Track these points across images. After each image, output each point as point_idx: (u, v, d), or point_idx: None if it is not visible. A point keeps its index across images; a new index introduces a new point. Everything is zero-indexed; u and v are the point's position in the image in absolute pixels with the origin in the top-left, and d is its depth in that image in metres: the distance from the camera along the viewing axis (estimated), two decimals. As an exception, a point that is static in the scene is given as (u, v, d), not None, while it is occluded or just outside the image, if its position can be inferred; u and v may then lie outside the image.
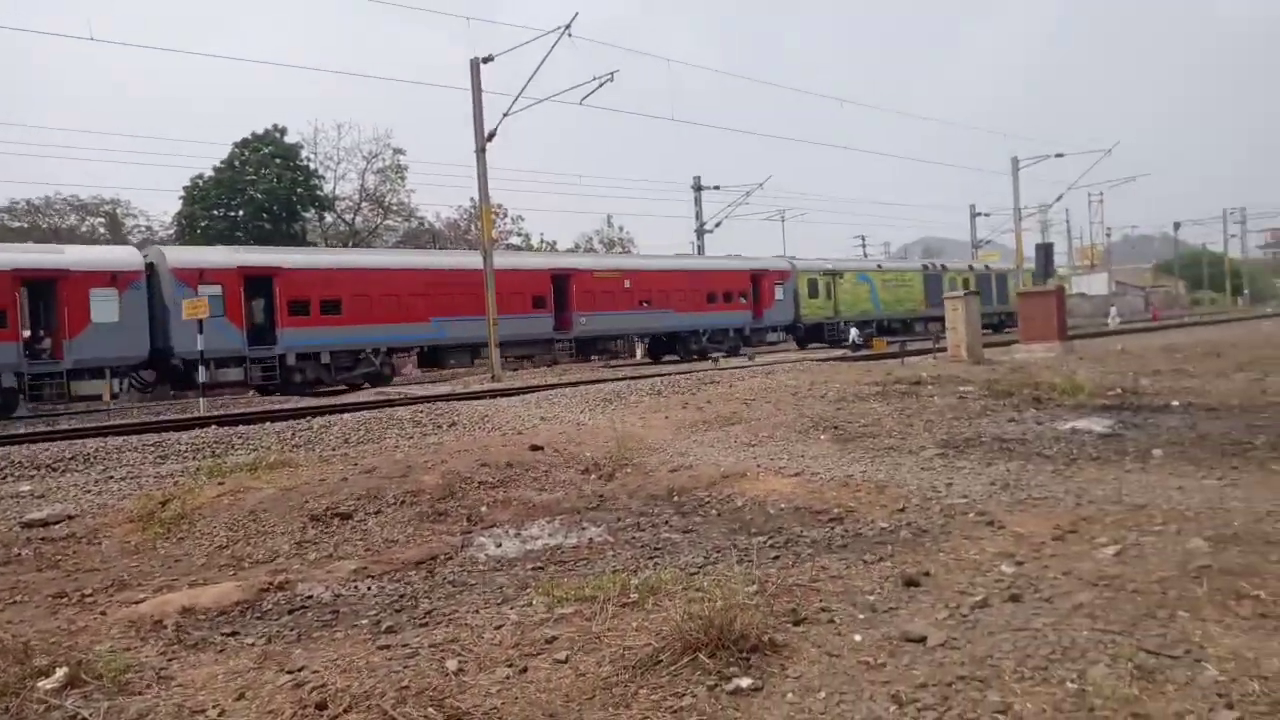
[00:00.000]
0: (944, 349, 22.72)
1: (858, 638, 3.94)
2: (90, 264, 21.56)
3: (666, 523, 6.67)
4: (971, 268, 47.35)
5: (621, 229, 66.00)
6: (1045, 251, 45.51)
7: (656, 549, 5.90)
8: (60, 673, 3.91)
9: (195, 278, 22.48)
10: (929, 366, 18.53)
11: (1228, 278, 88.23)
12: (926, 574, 4.81)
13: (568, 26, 23.16)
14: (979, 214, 58.71)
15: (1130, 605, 4.10)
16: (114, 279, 21.41)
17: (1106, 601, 4.17)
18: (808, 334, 38.79)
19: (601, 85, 24.80)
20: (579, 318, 30.49)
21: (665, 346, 34.52)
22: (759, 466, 8.48)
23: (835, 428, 10.69)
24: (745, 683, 3.51)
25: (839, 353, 30.92)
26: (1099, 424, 9.95)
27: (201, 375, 21.24)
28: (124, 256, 22.97)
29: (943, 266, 46.01)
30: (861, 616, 4.23)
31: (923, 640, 3.82)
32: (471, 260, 27.72)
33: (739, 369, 20.99)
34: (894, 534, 5.80)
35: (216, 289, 22.65)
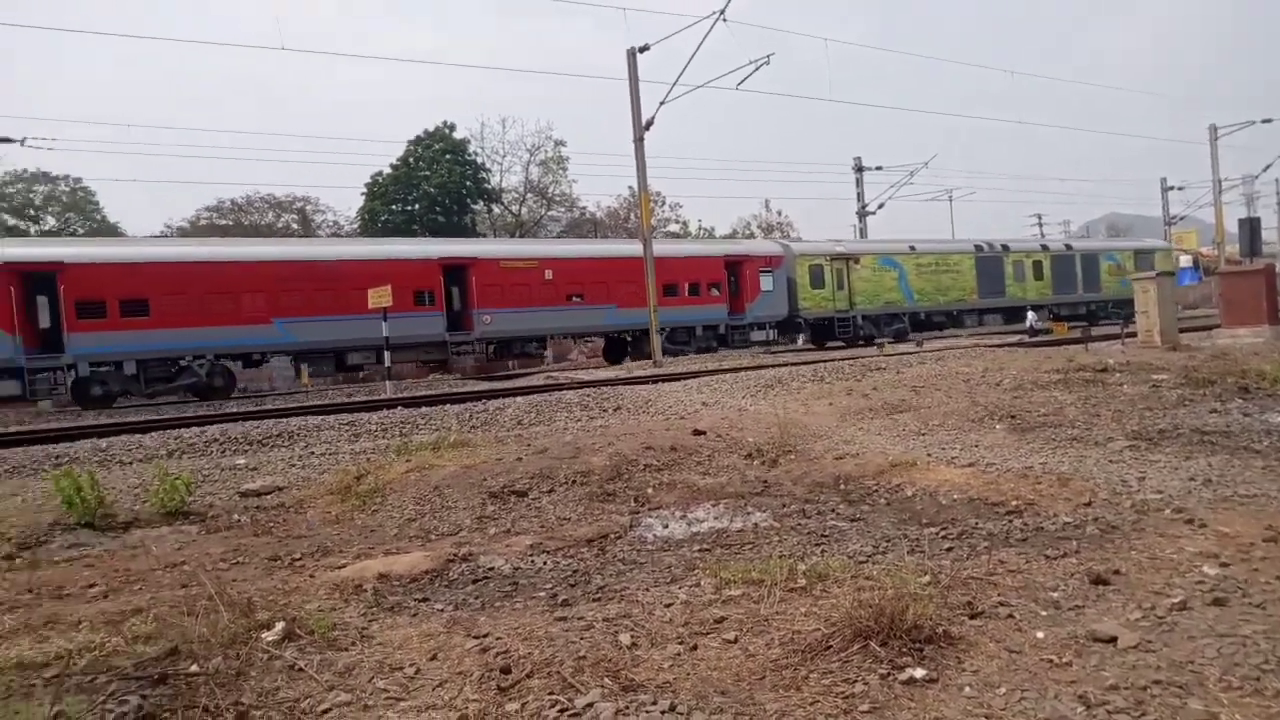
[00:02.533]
0: (1133, 334, 21.15)
1: (1040, 635, 3.79)
2: None
3: (833, 510, 6.59)
4: (1046, 247, 39.82)
5: (780, 213, 65.30)
6: (1251, 226, 41.45)
7: (823, 536, 5.85)
8: (279, 627, 4.33)
9: None
10: (1116, 353, 17.31)
11: None
12: (1116, 572, 4.55)
13: (722, 11, 23.04)
14: (1171, 187, 54.17)
15: (1357, 615, 3.74)
16: None
17: (1328, 610, 3.82)
18: (815, 332, 33.64)
19: (758, 68, 24.55)
20: (481, 316, 26.07)
21: (617, 347, 30.31)
22: (929, 456, 8.24)
23: (1012, 417, 10.22)
24: (919, 673, 3.46)
25: (1015, 338, 29.32)
26: (1318, 417, 9.02)
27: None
28: None
29: (1004, 247, 38.20)
30: (1044, 613, 4.06)
31: (1113, 641, 3.63)
32: (319, 250, 24.89)
33: (906, 355, 20.34)
34: (1079, 529, 5.50)
35: None
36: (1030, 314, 35.15)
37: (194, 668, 3.84)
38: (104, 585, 5.60)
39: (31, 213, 49.52)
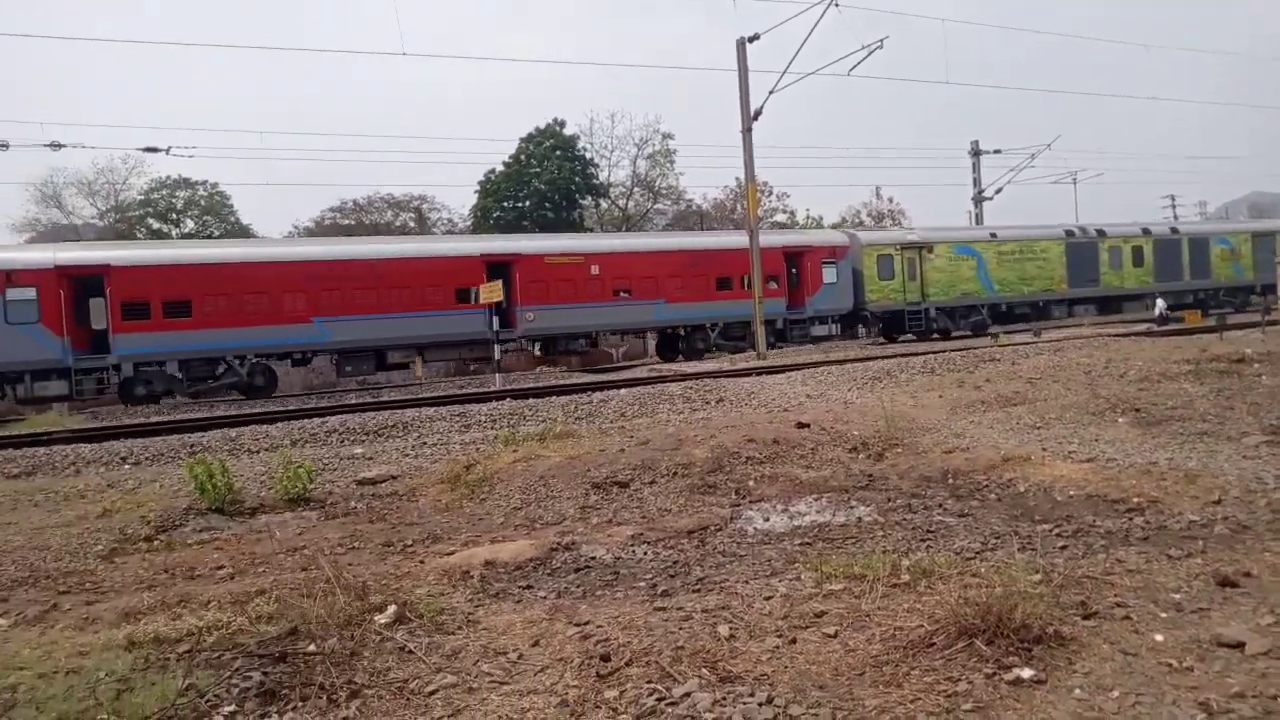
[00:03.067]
0: (1275, 322, 19.74)
1: (1159, 637, 3.61)
2: None
3: (940, 505, 6.43)
4: (1148, 231, 35.94)
5: (891, 200, 63.59)
6: None
7: (929, 532, 5.72)
8: (391, 610, 4.52)
9: (2, 281, 19.99)
10: (1255, 342, 16.20)
11: None
12: (1247, 574, 4.29)
13: (835, -4, 22.59)
14: (1324, 163, 50.12)
15: None
16: None
17: None
18: (886, 325, 31.40)
19: (871, 53, 23.96)
20: (524, 313, 25.25)
21: (670, 343, 28.99)
22: (1045, 450, 7.93)
23: (1136, 410, 9.71)
24: (1026, 674, 3.35)
25: (1142, 327, 27.78)
26: None
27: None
28: None
29: (1099, 232, 34.73)
30: (1164, 615, 3.86)
31: (1240, 646, 3.42)
32: (359, 249, 24.45)
33: (1023, 345, 19.57)
34: (1207, 528, 5.21)
35: (30, 292, 20.11)
36: (1159, 301, 33.08)
37: (311, 647, 4.05)
38: (231, 567, 5.97)
39: (174, 216, 52.87)
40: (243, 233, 51.09)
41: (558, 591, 4.99)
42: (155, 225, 50.98)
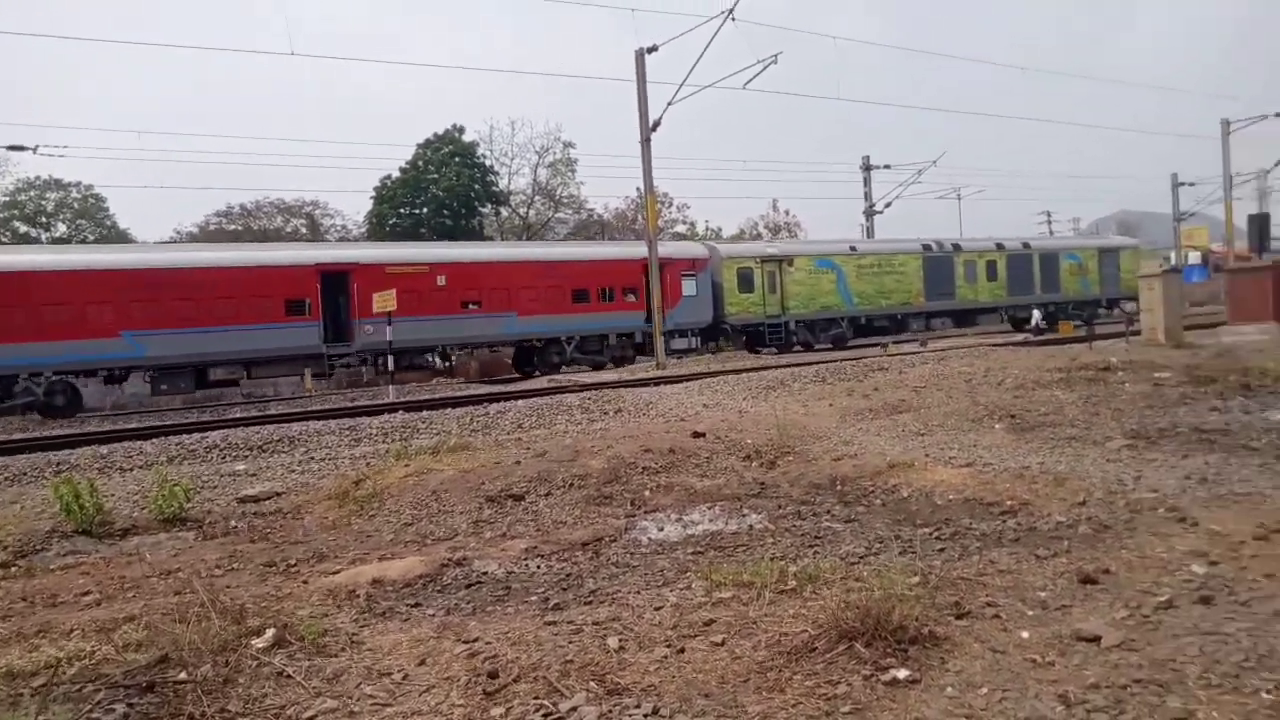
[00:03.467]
0: (1137, 333, 21.08)
1: (1025, 634, 3.79)
2: None
3: (828, 512, 6.60)
4: (1001, 246, 36.84)
5: (788, 213, 65.16)
6: (1260, 223, 41.03)
7: (817, 538, 5.86)
8: (269, 633, 4.36)
9: None
10: (1120, 351, 17.25)
11: None
12: (1106, 571, 4.55)
13: (731, 11, 23.06)
14: (1182, 184, 53.92)
15: (1343, 613, 3.73)
16: None
17: (1315, 608, 3.81)
18: (749, 338, 31.19)
19: (766, 68, 24.52)
20: (362, 326, 23.62)
21: (527, 357, 28.13)
22: (927, 456, 8.24)
23: (1012, 416, 10.20)
24: (902, 674, 3.47)
25: (1020, 337, 29.25)
26: (1319, 413, 8.98)
27: None
28: None
29: (954, 246, 35.59)
30: (1031, 613, 4.06)
31: (1097, 640, 3.64)
32: (175, 257, 22.94)
33: (909, 355, 20.32)
34: (1072, 529, 5.50)
35: None
36: (1035, 312, 34.87)
37: (183, 675, 3.87)
38: (98, 593, 5.65)
39: (43, 220, 49.83)
40: (120, 238, 48.62)
41: (447, 608, 4.91)
42: (23, 229, 47.95)
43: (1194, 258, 58.24)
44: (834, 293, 32.35)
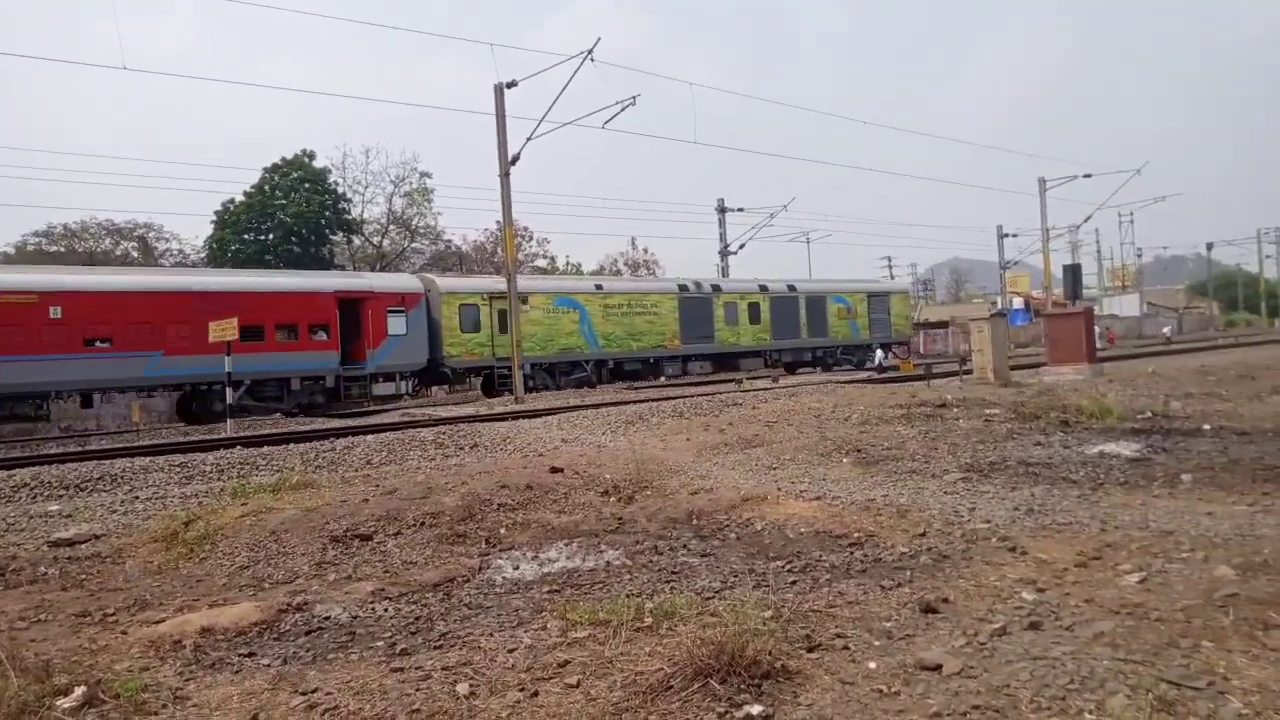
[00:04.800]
0: (969, 371, 22.53)
1: (872, 665, 3.90)
2: None
3: (685, 546, 6.62)
4: (765, 288, 36.36)
5: (646, 250, 66.33)
6: (1073, 272, 45.00)
7: (674, 573, 5.86)
8: (78, 691, 3.95)
9: None
10: (955, 389, 18.37)
11: (1263, 299, 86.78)
12: (945, 600, 4.75)
13: (590, 52, 23.41)
14: (1007, 235, 58.37)
15: (1153, 634, 4.03)
16: None
17: (1129, 630, 4.10)
18: (486, 382, 29.25)
19: (624, 109, 25.04)
20: None
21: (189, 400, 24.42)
22: (780, 490, 8.44)
23: (858, 450, 10.62)
24: (756, 710, 3.48)
25: (864, 375, 30.71)
26: (1128, 448, 9.81)
27: None
28: None
29: (714, 287, 35.22)
30: (877, 644, 4.18)
31: (938, 668, 3.77)
32: None
33: (762, 391, 20.93)
34: (914, 559, 5.73)
35: None
36: (878, 351, 36.73)
37: (-29, 743, 3.45)
38: (-128, 653, 4.98)
39: None
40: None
41: (284, 658, 4.60)
42: None
43: (1018, 303, 63.08)
44: (576, 333, 30.49)
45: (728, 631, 4.00)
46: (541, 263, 58.45)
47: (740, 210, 48.15)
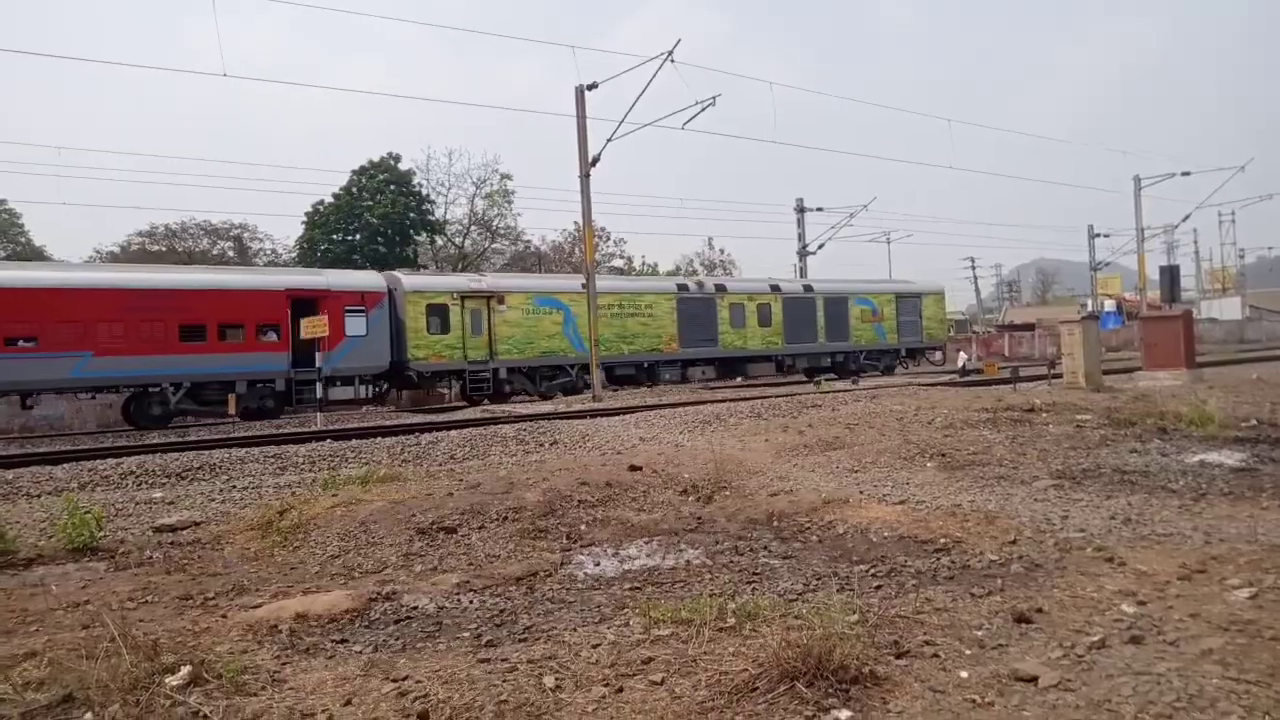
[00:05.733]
0: (1059, 375, 21.78)
1: (964, 674, 3.79)
2: None
3: (765, 548, 6.59)
4: (777, 288, 34.17)
5: (723, 251, 66.09)
6: (1170, 274, 43.23)
7: (754, 574, 5.84)
8: (184, 670, 4.12)
9: None
10: (1043, 393, 17.77)
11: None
12: (1039, 610, 4.60)
13: (670, 53, 23.39)
14: (1098, 235, 56.32)
15: (1268, 654, 3.82)
16: None
17: (1240, 649, 3.90)
18: (470, 386, 26.97)
19: (704, 109, 24.92)
20: None
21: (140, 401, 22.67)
22: (862, 493, 8.31)
23: (942, 455, 10.38)
24: (844, 715, 3.43)
25: (947, 377, 29.97)
26: (1231, 457, 9.35)
27: None
28: None
29: (718, 287, 32.93)
30: (968, 652, 4.07)
31: (1034, 680, 3.65)
32: None
33: (842, 393, 20.62)
34: (1004, 567, 5.57)
35: None
36: (961, 354, 35.82)
37: (88, 716, 3.62)
38: (-3, 627, 5.29)
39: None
40: (36, 255, 46.75)
41: (375, 645, 4.72)
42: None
43: (1109, 305, 60.77)
44: (559, 335, 28.44)
45: (814, 634, 3.95)
46: (619, 263, 58.76)
47: (819, 210, 47.59)
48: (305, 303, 24.00)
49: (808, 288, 35.75)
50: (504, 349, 27.25)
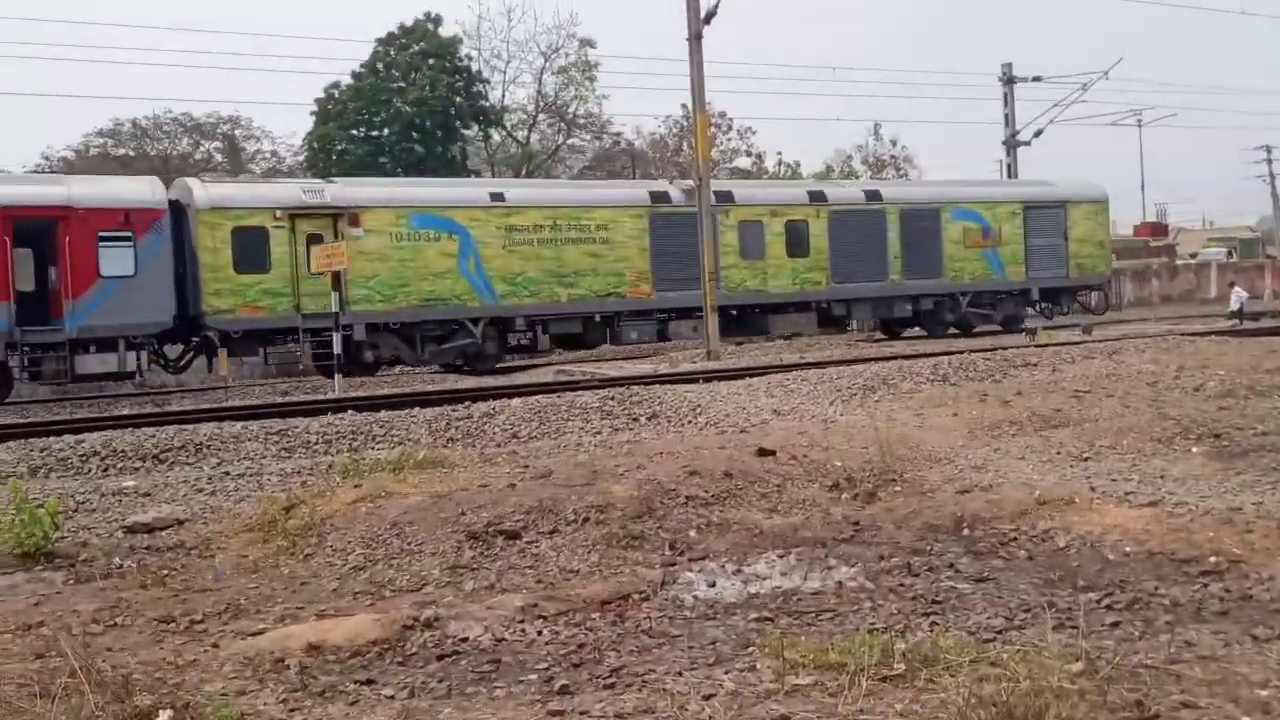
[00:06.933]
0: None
1: (1240, 753, 3.71)
2: None
3: (951, 565, 6.55)
4: (821, 196, 31.44)
5: (895, 143, 64.86)
6: None
7: (935, 602, 5.83)
8: (164, 716, 4.37)
9: None
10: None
11: None
12: (1356, 664, 4.44)
13: None
14: None
15: None
16: None
17: None
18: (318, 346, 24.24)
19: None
20: None
21: None
22: (1093, 490, 8.14)
23: (1216, 436, 10.07)
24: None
25: (1226, 324, 28.82)
26: None
27: None
28: None
29: (720, 195, 28.83)
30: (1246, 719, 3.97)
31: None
32: None
33: (1067, 347, 20.12)
34: (1305, 599, 5.40)
35: None
36: (1236, 290, 33.91)
37: (43, 771, 3.88)
38: (-75, 654, 5.70)
39: None
40: (-33, 164, 49.38)
41: (411, 689, 4.90)
42: None
43: None
44: (453, 274, 25.81)
45: (1017, 689, 3.91)
46: (744, 161, 58.46)
47: (1036, 80, 45.99)
48: (38, 228, 22.59)
49: (873, 194, 32.77)
50: (361, 295, 24.81)
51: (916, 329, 32.71)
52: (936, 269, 32.02)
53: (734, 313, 29.32)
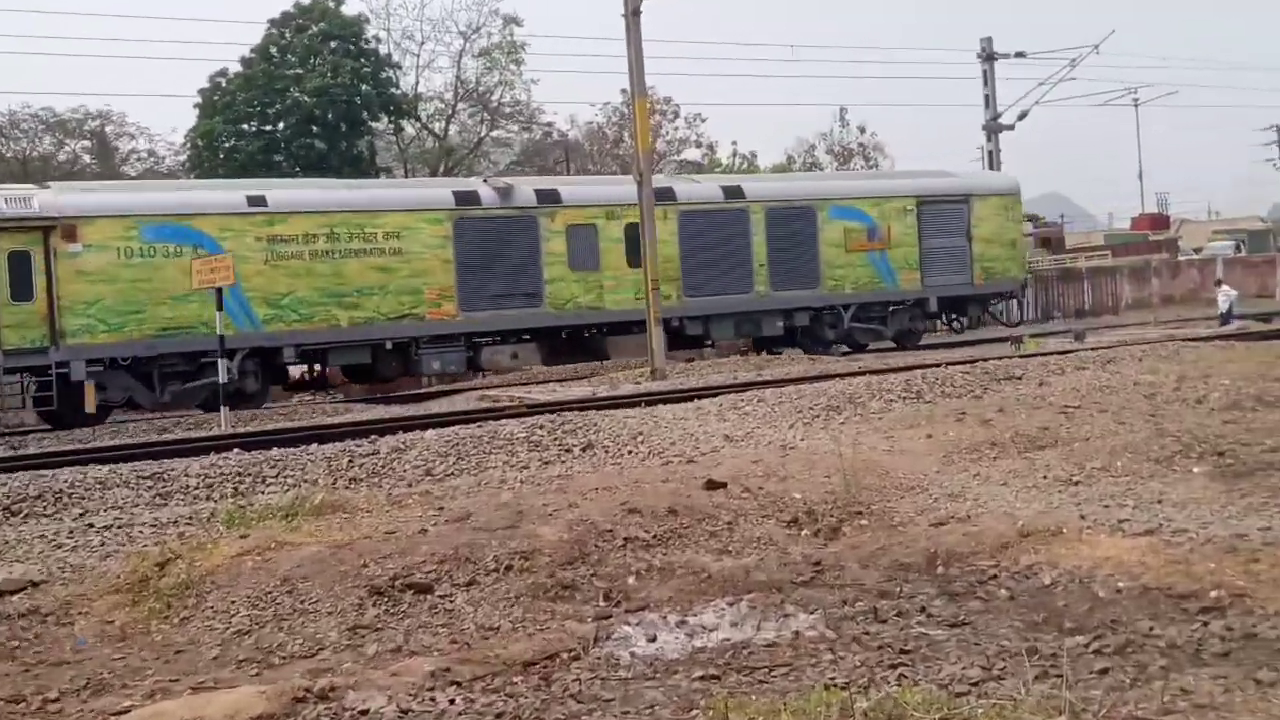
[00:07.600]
0: None
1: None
2: None
3: (922, 609, 6.62)
4: (671, 194, 29.80)
5: (864, 130, 65.41)
6: None
7: (904, 651, 5.88)
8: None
9: None
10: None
11: None
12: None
13: None
14: None
15: None
16: None
17: None
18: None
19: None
20: None
21: None
22: (1083, 519, 8.27)
23: (1219, 454, 10.24)
24: None
25: (1220, 328, 29.32)
26: None
27: None
28: None
29: (543, 194, 28.78)
30: (1248, 779, 4.03)
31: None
32: None
33: (1055, 357, 20.38)
34: (1316, 638, 5.49)
35: None
36: (1224, 289, 34.38)
37: None
38: None
39: None
40: None
41: (301, 773, 4.85)
42: None
43: None
44: (199, 296, 23.34)
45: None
46: (694, 153, 58.69)
47: (1020, 56, 46.70)
48: None
49: (733, 190, 31.78)
50: (80, 325, 23.25)
51: (794, 348, 31.12)
52: (813, 278, 31.11)
53: (564, 335, 29.01)
